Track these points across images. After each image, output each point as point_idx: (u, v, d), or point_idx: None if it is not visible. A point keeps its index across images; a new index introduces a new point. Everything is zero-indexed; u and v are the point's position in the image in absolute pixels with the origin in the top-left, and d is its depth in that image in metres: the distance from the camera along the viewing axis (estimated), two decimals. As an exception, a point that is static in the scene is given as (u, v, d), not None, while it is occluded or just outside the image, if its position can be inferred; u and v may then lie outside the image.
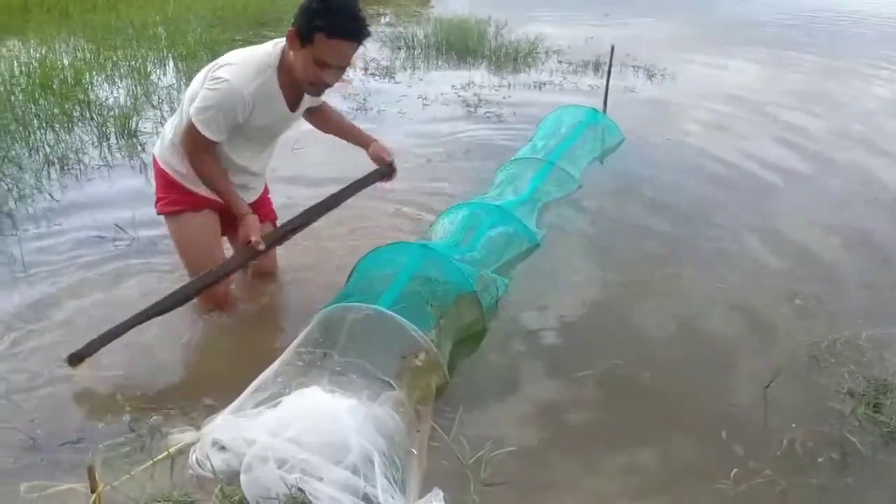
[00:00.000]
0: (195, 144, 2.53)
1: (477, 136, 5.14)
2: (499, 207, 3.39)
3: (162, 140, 2.76)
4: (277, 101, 2.56)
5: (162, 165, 2.74)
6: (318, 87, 2.52)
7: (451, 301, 2.73)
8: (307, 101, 2.71)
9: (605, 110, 5.33)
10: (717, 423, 2.35)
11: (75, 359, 2.40)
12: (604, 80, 5.67)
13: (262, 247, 2.61)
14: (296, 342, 2.45)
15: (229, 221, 2.86)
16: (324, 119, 2.94)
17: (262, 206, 2.98)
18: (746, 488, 2.10)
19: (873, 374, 2.59)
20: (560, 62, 7.88)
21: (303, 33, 2.35)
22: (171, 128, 2.69)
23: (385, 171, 2.90)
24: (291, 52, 2.43)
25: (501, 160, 4.33)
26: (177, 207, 2.74)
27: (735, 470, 2.14)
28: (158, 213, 2.81)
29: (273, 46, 2.50)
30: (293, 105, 2.64)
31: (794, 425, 2.35)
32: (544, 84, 6.82)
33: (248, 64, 2.46)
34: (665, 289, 3.19)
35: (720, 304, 3.09)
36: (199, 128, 2.47)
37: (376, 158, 2.92)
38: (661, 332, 2.90)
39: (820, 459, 2.23)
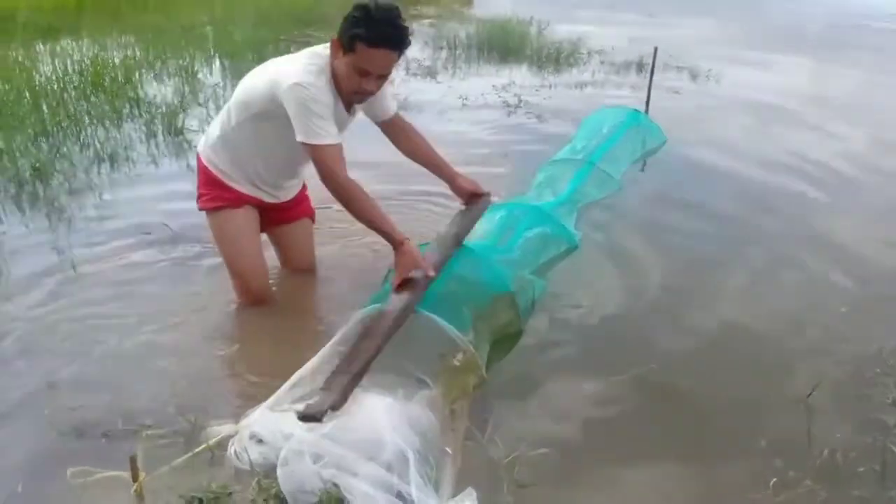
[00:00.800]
0: (332, 164, 2.44)
1: (516, 136, 5.13)
2: (537, 208, 3.37)
3: (207, 137, 2.81)
4: (340, 107, 2.59)
5: (205, 162, 2.79)
6: (361, 96, 2.53)
7: (487, 302, 2.72)
8: (361, 106, 2.73)
9: (647, 111, 5.28)
10: (757, 432, 2.31)
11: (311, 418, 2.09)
12: (646, 81, 5.61)
13: (432, 272, 2.52)
14: (334, 339, 2.47)
15: (268, 218, 2.93)
16: (406, 137, 2.89)
17: (301, 203, 3.04)
18: (785, 499, 2.06)
19: (920, 384, 2.53)
20: (602, 63, 7.83)
21: (345, 42, 2.39)
22: (217, 126, 2.74)
23: (488, 202, 2.96)
24: (333, 53, 2.46)
25: (540, 160, 4.30)
26: (218, 203, 2.79)
27: (774, 479, 2.10)
28: (200, 209, 2.86)
29: (323, 48, 2.52)
30: (349, 109, 2.66)
31: (837, 435, 2.30)
32: (586, 84, 6.79)
33: (305, 63, 2.46)
34: (706, 294, 3.16)
35: (763, 311, 3.04)
36: (315, 140, 2.42)
37: (463, 194, 2.92)
38: (701, 337, 2.87)
39: (861, 469, 2.18)
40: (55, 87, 5.24)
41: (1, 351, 2.60)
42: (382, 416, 2.13)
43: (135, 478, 1.93)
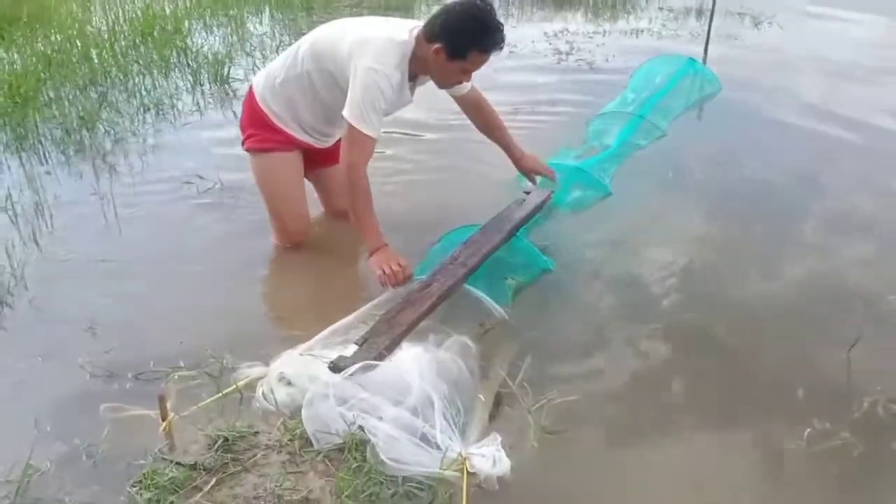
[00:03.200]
0: (362, 152, 2.54)
1: (566, 85, 4.99)
2: (577, 168, 3.38)
3: (267, 78, 2.78)
4: (406, 91, 2.64)
5: (259, 103, 2.78)
6: (454, 85, 2.72)
7: (531, 278, 2.75)
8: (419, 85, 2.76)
9: (704, 59, 5.08)
10: (795, 383, 2.25)
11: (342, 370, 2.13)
12: (705, 28, 5.39)
13: (410, 271, 2.59)
14: (373, 302, 2.49)
15: (311, 161, 2.95)
16: (478, 109, 2.99)
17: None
18: (819, 450, 2.00)
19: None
20: (661, 8, 7.55)
21: (456, 50, 2.47)
22: (281, 69, 2.72)
23: (547, 198, 3.05)
24: (432, 56, 2.49)
25: (590, 109, 4.21)
26: (267, 145, 2.80)
27: (808, 430, 2.04)
28: (247, 149, 2.86)
29: (409, 34, 2.53)
30: (412, 92, 2.72)
31: (878, 388, 2.22)
32: (641, 31, 6.56)
33: (391, 53, 2.50)
34: (748, 248, 3.05)
35: (811, 265, 2.93)
36: (364, 129, 2.49)
37: (535, 171, 3.03)
38: (742, 288, 2.78)
39: (902, 423, 2.11)
40: (106, 37, 5.31)
41: (41, 293, 2.67)
42: (410, 363, 2.14)
43: (163, 416, 1.99)
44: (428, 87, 2.78)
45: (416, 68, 2.59)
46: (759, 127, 4.31)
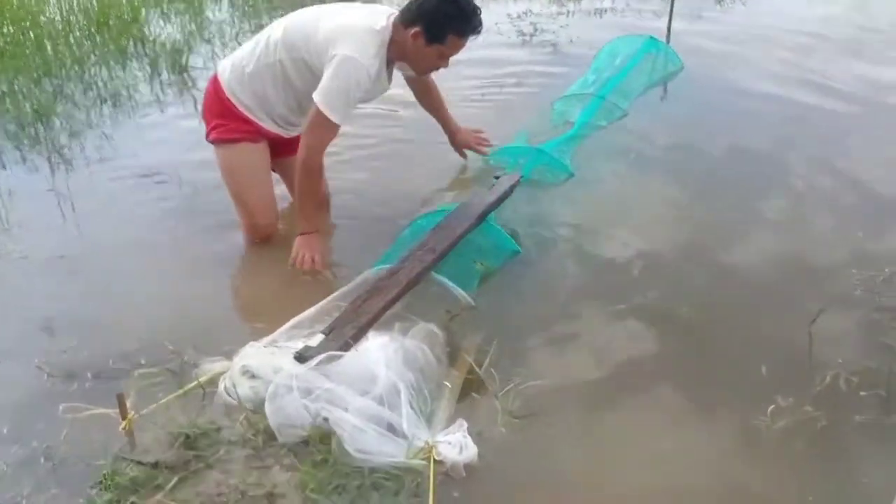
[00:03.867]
0: (323, 137, 2.57)
1: (530, 67, 4.95)
2: (538, 150, 3.37)
3: (234, 68, 2.70)
4: (383, 78, 2.63)
5: (227, 93, 2.70)
6: (432, 71, 2.79)
7: (500, 262, 2.74)
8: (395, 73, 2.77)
9: (668, 38, 5.06)
10: (758, 358, 2.26)
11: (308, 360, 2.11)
12: (668, 6, 5.37)
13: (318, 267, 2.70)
14: (336, 293, 2.46)
15: (277, 150, 2.89)
16: (426, 90, 3.11)
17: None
18: (784, 426, 2.02)
19: (932, 309, 2.44)
20: (624, -13, 7.51)
21: (434, 35, 2.50)
22: (251, 59, 2.65)
23: (516, 182, 3.07)
24: (410, 42, 2.51)
25: (555, 91, 4.18)
26: (234, 135, 2.74)
27: (772, 406, 2.06)
28: (212, 140, 2.79)
29: (387, 20, 2.53)
30: (389, 80, 2.71)
31: (840, 360, 2.24)
32: (605, 11, 6.50)
33: (367, 42, 2.49)
34: (712, 222, 3.05)
35: (772, 238, 2.94)
36: (331, 115, 2.48)
37: (466, 145, 3.21)
38: (706, 264, 2.79)
39: (863, 393, 2.13)
40: (60, 27, 5.17)
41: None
42: (376, 352, 2.12)
43: (123, 415, 1.95)
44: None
45: (394, 55, 2.58)
46: (721, 104, 4.30)
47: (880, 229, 2.97)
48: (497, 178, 3.07)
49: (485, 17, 2.53)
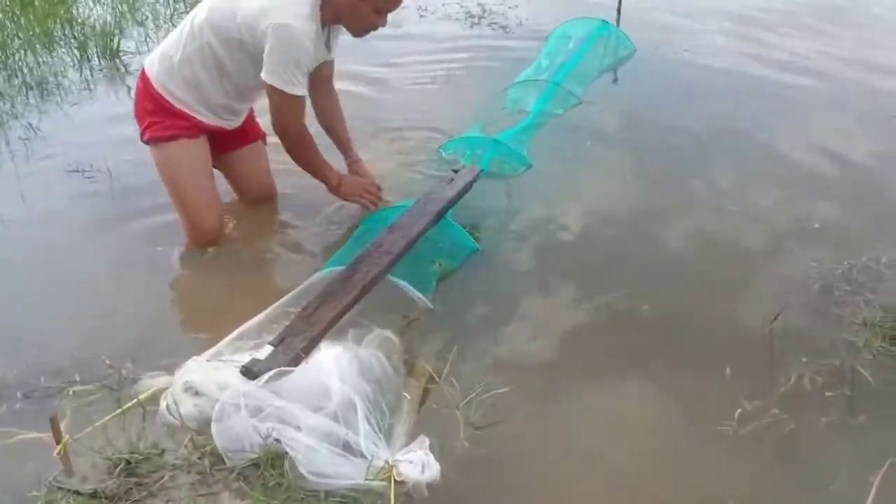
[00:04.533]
0: (295, 114, 2.44)
1: (480, 51, 4.84)
2: (495, 141, 3.28)
3: (162, 59, 2.53)
4: (320, 44, 2.46)
5: (157, 88, 2.53)
6: (368, 32, 2.52)
7: (458, 262, 2.64)
8: (336, 40, 2.61)
9: (618, 21, 5.02)
10: (722, 360, 2.20)
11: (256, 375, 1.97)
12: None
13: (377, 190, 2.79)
14: (285, 298, 2.33)
15: (220, 148, 2.73)
16: (326, 96, 2.78)
17: (250, 125, 2.84)
18: (752, 430, 1.97)
19: (891, 302, 2.42)
20: (572, -33, 7.44)
21: None
22: (177, 47, 2.48)
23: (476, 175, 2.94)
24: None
25: (507, 75, 4.10)
26: (171, 132, 2.55)
27: (739, 410, 2.01)
28: (146, 141, 2.60)
29: None
30: (328, 47, 2.55)
31: (803, 359, 2.21)
32: (555, -9, 6.45)
33: (298, 4, 2.31)
34: (671, 213, 3.00)
35: (731, 230, 2.90)
36: (288, 89, 2.35)
37: (349, 193, 2.82)
38: (665, 260, 2.74)
39: (829, 394, 2.09)
40: (-20, 10, 4.86)
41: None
42: (329, 364, 2.00)
43: (57, 439, 1.80)
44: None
45: (327, 17, 2.41)
46: (674, 86, 4.28)
47: (836, 220, 2.96)
48: (455, 171, 2.95)
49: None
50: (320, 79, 2.68)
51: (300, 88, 2.37)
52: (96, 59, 4.39)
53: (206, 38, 2.42)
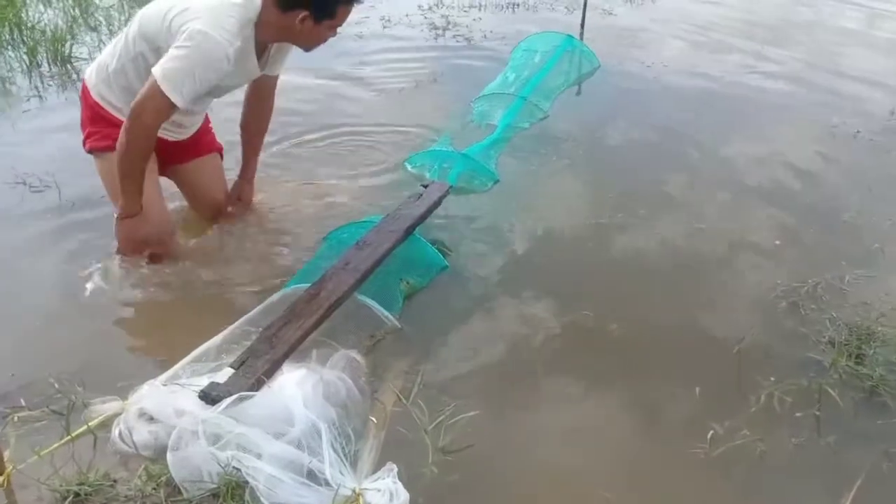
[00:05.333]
0: (155, 111, 2.23)
1: (445, 63, 4.81)
2: (463, 155, 3.24)
3: (99, 69, 2.47)
4: (251, 60, 2.36)
5: (95, 97, 2.47)
6: (319, 45, 2.43)
7: (426, 280, 2.58)
8: (272, 57, 2.50)
9: (581, 35, 5.04)
10: (691, 379, 2.19)
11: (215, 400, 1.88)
12: (581, 2, 5.35)
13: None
14: (245, 317, 2.25)
15: (168, 158, 2.62)
16: (259, 103, 2.70)
17: (204, 136, 2.75)
18: (723, 452, 1.95)
19: (856, 321, 2.43)
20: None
21: (323, 13, 2.25)
22: (113, 57, 2.41)
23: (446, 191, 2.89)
24: (298, 26, 2.26)
25: (473, 87, 4.08)
26: (109, 142, 2.42)
27: (711, 432, 1.99)
28: (88, 150, 2.53)
29: None
30: (262, 62, 2.44)
31: (772, 379, 2.20)
32: (518, 5, 6.44)
33: (229, 16, 2.20)
34: (637, 230, 2.98)
35: (695, 248, 2.90)
36: (167, 90, 2.17)
37: (234, 194, 2.81)
38: (632, 279, 2.71)
39: (799, 415, 2.08)
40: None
41: None
42: (292, 387, 1.93)
43: (0, 470, 1.69)
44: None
45: (267, 36, 2.33)
46: (637, 101, 4.30)
47: (800, 236, 2.99)
48: (425, 186, 2.88)
49: (396, 8, 2.38)
50: (259, 88, 2.64)
51: (178, 97, 2.19)
52: (46, 65, 4.24)
53: (139, 47, 2.33)
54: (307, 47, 2.43)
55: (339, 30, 2.40)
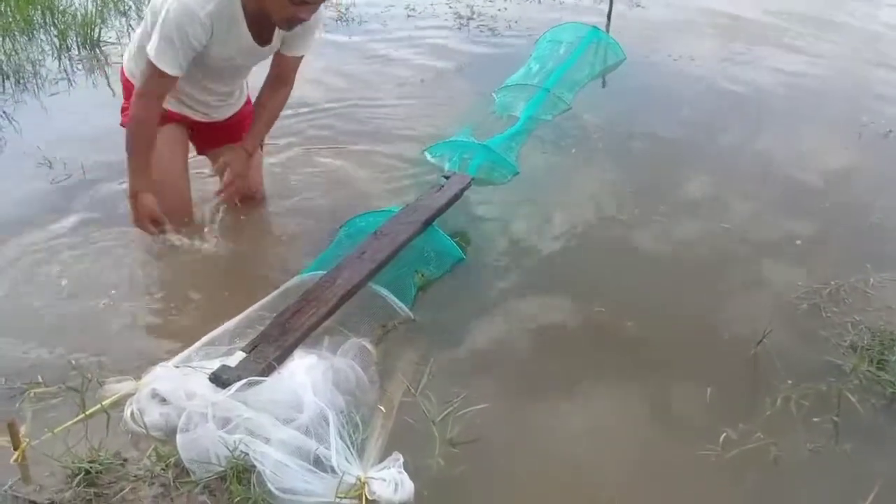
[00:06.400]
0: (148, 82, 2.31)
1: (469, 52, 4.79)
2: (484, 147, 3.19)
3: (129, 50, 2.58)
4: (240, 29, 2.33)
5: (127, 75, 2.57)
6: (293, 23, 2.31)
7: (442, 271, 2.57)
8: (281, 37, 2.46)
9: (608, 27, 4.98)
10: (707, 380, 2.15)
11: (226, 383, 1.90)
12: (608, -6, 5.29)
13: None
14: (261, 302, 2.26)
15: (205, 138, 2.68)
16: (276, 76, 2.61)
17: (244, 121, 2.72)
18: (736, 455, 1.92)
19: (879, 325, 2.38)
20: (563, -28, 7.40)
21: None
22: (137, 37, 2.49)
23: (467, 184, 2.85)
24: None
25: (496, 77, 4.04)
26: None
27: (724, 434, 1.95)
28: (122, 125, 2.53)
29: None
30: (263, 38, 2.40)
31: (789, 382, 2.16)
32: (543, -5, 6.40)
33: None
34: (657, 227, 2.93)
35: (715, 246, 2.85)
36: (155, 61, 2.24)
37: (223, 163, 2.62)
38: (649, 276, 2.67)
39: (816, 420, 2.04)
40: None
41: None
42: (302, 375, 1.93)
43: (15, 445, 1.71)
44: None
45: (255, 6, 2.28)
46: (662, 95, 4.22)
47: (824, 237, 2.92)
48: (446, 178, 2.86)
49: (421, -1, 2.35)
50: (277, 66, 2.59)
51: (167, 65, 2.24)
52: (76, 49, 4.28)
53: (148, 28, 2.36)
54: (277, 20, 2.32)
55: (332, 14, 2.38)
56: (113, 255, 2.59)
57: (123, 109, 2.58)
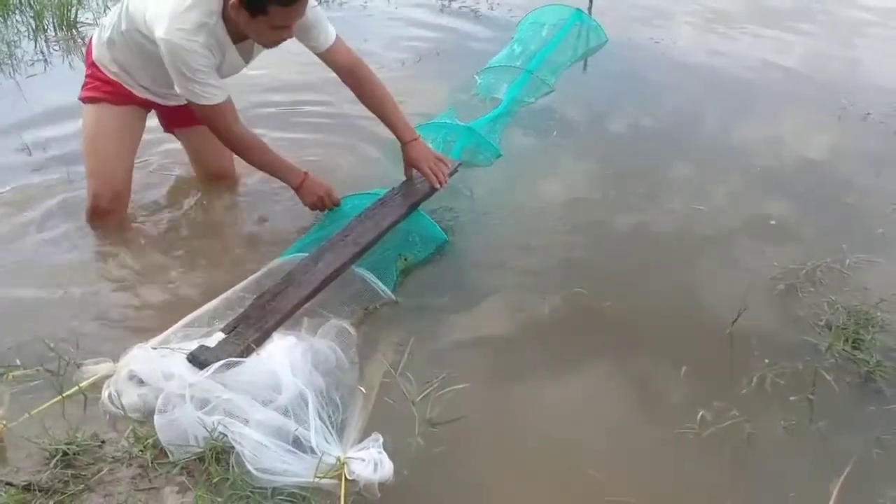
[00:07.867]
0: (226, 122, 2.32)
1: (450, 34, 4.76)
2: (467, 128, 3.18)
3: (99, 35, 2.50)
4: (230, 53, 2.32)
5: (95, 56, 2.50)
6: (280, 42, 2.31)
7: (425, 254, 2.57)
8: (259, 51, 2.45)
9: (590, 9, 4.97)
10: (683, 358, 2.17)
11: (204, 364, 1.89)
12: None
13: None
14: (242, 284, 2.25)
15: (174, 117, 2.66)
16: (353, 76, 2.57)
17: None
18: (712, 433, 1.93)
19: (855, 305, 2.40)
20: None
21: (254, 6, 2.11)
22: (108, 26, 2.43)
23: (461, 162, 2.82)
24: (235, 13, 2.15)
25: (477, 60, 4.03)
26: (96, 94, 2.48)
27: (701, 413, 1.97)
28: (80, 99, 2.54)
29: None
30: (247, 57, 2.43)
31: (766, 361, 2.18)
32: (525, -23, 6.37)
33: (182, 15, 2.16)
34: (635, 209, 2.94)
35: (693, 227, 2.86)
36: (195, 100, 2.26)
37: (413, 163, 2.61)
38: (628, 257, 2.69)
39: (792, 398, 2.07)
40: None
41: None
42: (281, 356, 1.93)
43: (-7, 427, 1.71)
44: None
45: (235, 28, 2.24)
46: (642, 79, 4.21)
47: (801, 218, 2.94)
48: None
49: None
50: (338, 69, 2.55)
51: (213, 97, 2.25)
52: (52, 30, 4.23)
53: (126, 25, 2.34)
54: (260, 42, 2.33)
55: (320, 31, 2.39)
56: (92, 238, 2.58)
57: (83, 85, 2.54)
